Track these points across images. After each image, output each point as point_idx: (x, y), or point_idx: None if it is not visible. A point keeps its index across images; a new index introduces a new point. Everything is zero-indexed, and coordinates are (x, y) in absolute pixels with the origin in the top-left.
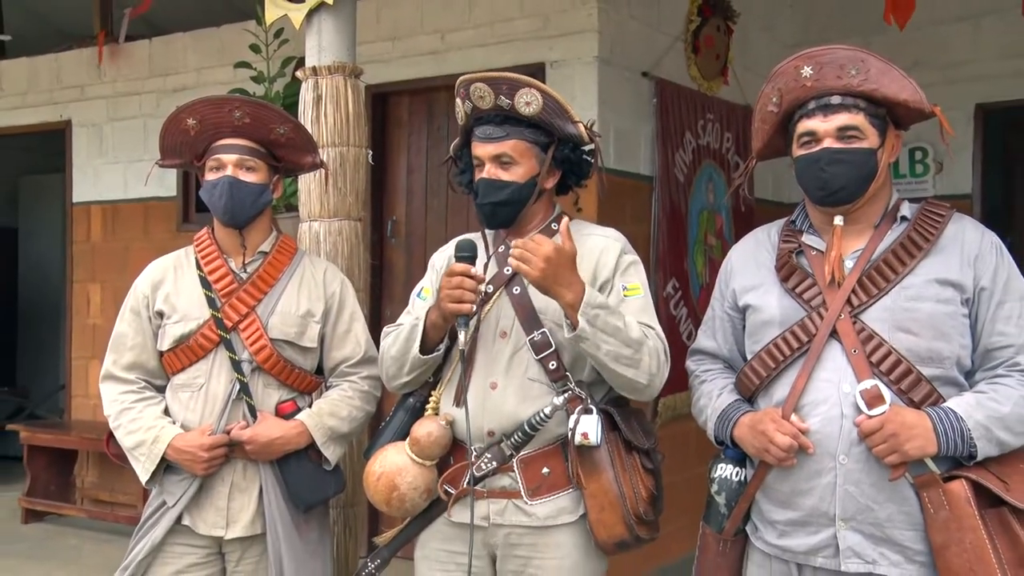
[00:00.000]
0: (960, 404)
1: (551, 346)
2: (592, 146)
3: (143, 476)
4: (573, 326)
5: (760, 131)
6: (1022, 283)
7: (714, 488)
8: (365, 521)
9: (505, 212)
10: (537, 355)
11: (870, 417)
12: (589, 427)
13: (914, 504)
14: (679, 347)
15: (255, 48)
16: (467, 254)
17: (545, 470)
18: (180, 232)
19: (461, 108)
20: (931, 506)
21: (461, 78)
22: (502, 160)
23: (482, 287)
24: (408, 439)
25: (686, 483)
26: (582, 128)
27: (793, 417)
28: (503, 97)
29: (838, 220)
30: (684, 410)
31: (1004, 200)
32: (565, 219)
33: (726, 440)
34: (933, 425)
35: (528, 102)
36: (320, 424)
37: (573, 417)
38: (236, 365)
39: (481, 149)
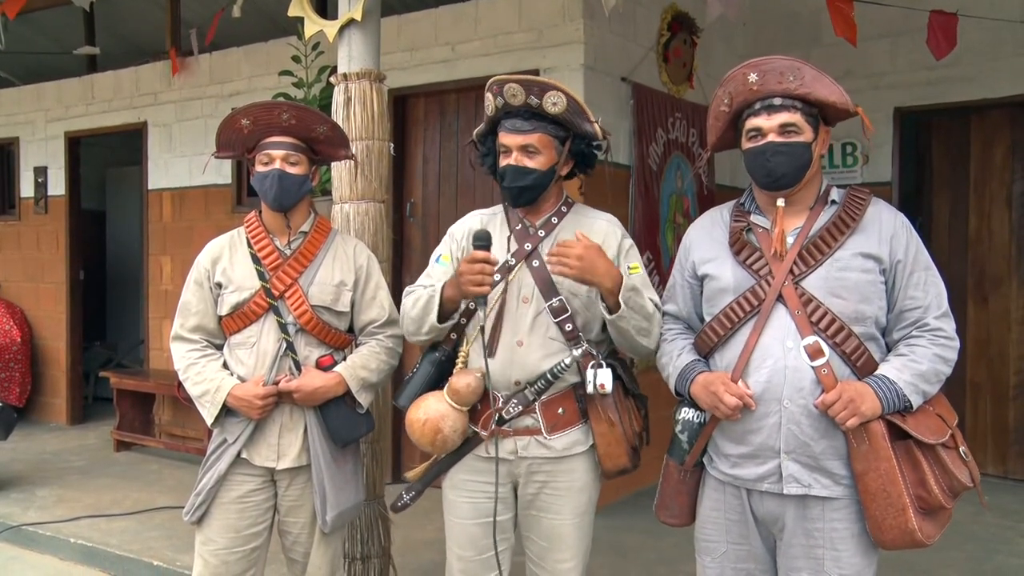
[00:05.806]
0: (889, 370)
1: (567, 311)
2: (604, 142)
3: (208, 419)
4: (610, 309)
5: (714, 128)
6: (927, 255)
7: (678, 428)
8: (389, 455)
9: (528, 194)
10: (555, 318)
11: (813, 369)
12: (605, 379)
13: (841, 440)
14: None
15: (296, 59)
16: (483, 243)
17: (560, 410)
18: (234, 213)
19: (492, 103)
20: (855, 442)
21: (495, 78)
22: (528, 150)
23: (498, 267)
24: (447, 389)
25: (652, 424)
26: (597, 127)
27: (740, 383)
28: (533, 97)
29: (780, 202)
30: (649, 363)
31: (916, 187)
32: (577, 227)
33: (684, 394)
34: (874, 391)
35: (555, 103)
36: (354, 375)
37: (590, 371)
38: (283, 327)
39: (510, 139)
